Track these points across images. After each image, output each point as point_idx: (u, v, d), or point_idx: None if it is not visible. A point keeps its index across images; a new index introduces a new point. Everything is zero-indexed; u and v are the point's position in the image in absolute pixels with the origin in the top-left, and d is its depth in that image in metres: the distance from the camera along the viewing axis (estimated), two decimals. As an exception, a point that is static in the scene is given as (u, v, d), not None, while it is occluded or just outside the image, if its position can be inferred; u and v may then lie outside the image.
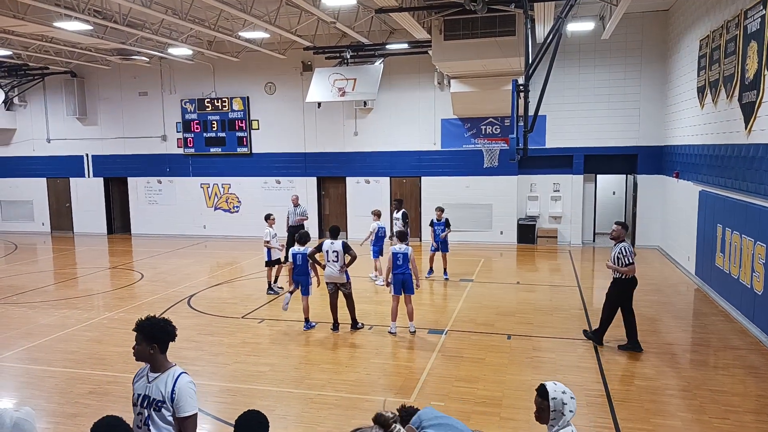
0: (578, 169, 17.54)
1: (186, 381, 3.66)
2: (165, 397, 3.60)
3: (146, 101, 20.82)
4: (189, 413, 3.60)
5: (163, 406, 3.60)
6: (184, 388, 3.61)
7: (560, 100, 17.06)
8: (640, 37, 16.53)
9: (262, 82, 19.62)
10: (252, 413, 3.29)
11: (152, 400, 3.63)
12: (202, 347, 9.00)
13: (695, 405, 6.72)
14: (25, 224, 22.58)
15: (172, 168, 20.88)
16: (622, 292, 8.44)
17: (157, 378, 3.67)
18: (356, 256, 9.44)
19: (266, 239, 11.94)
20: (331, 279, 9.47)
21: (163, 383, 3.63)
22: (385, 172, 19.03)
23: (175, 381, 3.64)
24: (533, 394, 3.53)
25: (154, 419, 3.61)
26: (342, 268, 9.38)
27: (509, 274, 14.40)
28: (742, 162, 9.80)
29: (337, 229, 9.90)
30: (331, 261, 9.40)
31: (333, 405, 6.87)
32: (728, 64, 10.49)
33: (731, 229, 10.19)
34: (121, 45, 15.89)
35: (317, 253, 9.59)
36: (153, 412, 3.62)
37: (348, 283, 9.52)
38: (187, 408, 3.59)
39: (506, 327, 9.74)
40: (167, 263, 15.94)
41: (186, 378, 3.68)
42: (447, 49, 13.83)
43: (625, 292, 8.44)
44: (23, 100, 21.90)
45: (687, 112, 13.80)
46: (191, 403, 3.61)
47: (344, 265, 9.38)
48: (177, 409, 3.59)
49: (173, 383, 3.62)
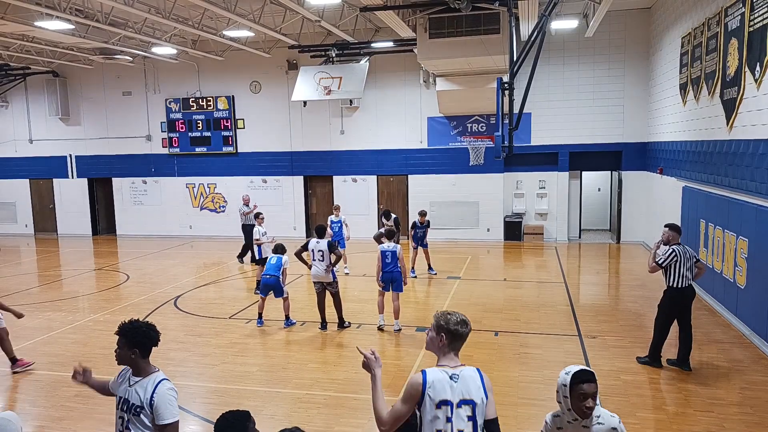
0: (564, 166, 17.66)
1: (166, 388, 3.60)
2: (144, 402, 3.55)
3: (130, 101, 20.63)
4: (168, 421, 3.53)
5: (142, 412, 3.55)
6: (163, 395, 3.55)
7: (545, 97, 17.16)
8: (623, 34, 16.67)
9: (248, 81, 19.53)
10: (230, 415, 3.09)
11: (131, 404, 3.59)
12: (189, 348, 8.95)
13: (680, 398, 6.81)
14: (7, 226, 22.28)
15: (157, 168, 20.72)
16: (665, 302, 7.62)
17: (138, 383, 3.63)
18: (341, 255, 9.46)
19: (256, 237, 11.93)
20: (318, 278, 9.47)
21: (143, 388, 3.59)
22: (372, 171, 19.02)
23: (155, 387, 3.58)
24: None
25: (134, 423, 3.57)
26: (328, 268, 9.38)
27: (496, 271, 14.48)
28: (724, 158, 9.93)
29: (323, 228, 9.90)
30: (317, 260, 9.41)
31: (321, 404, 6.87)
32: (710, 61, 10.61)
33: (714, 224, 10.32)
34: (104, 44, 15.73)
35: (304, 252, 9.58)
36: (132, 416, 3.57)
37: (335, 282, 9.52)
38: (166, 416, 3.53)
39: (493, 324, 9.80)
40: (153, 264, 15.82)
41: (167, 385, 3.62)
42: (432, 48, 13.86)
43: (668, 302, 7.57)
44: (5, 100, 21.60)
45: (670, 109, 13.94)
46: (171, 411, 3.55)
47: (330, 264, 9.39)
48: (156, 416, 3.53)
49: (153, 389, 3.57)
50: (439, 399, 3.24)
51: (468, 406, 3.25)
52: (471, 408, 3.25)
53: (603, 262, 15.33)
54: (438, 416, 3.22)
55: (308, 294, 12.24)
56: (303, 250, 9.61)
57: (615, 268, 14.74)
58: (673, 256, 7.34)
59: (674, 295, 7.45)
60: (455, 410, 3.23)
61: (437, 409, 3.23)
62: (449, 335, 3.37)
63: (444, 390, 3.25)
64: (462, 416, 3.23)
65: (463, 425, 3.23)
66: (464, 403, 3.25)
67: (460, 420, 3.23)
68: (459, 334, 3.38)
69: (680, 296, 7.44)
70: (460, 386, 3.27)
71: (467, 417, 3.25)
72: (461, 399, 3.25)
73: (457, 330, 3.37)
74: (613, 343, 8.72)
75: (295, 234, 19.36)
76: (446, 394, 3.25)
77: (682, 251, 7.39)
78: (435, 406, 3.23)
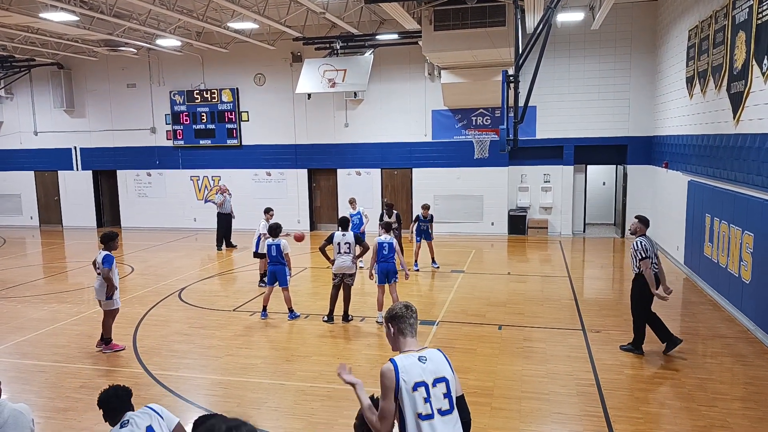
0: (568, 160, 17.59)
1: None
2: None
3: (135, 93, 20.63)
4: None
5: None
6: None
7: (550, 90, 17.08)
8: (629, 27, 16.56)
9: (252, 73, 19.49)
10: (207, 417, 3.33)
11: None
12: (194, 340, 8.98)
13: (684, 393, 6.80)
14: (13, 218, 22.37)
15: (161, 160, 20.74)
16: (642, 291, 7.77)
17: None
18: (368, 247, 9.52)
19: (262, 231, 11.74)
20: (341, 270, 9.51)
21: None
22: (376, 164, 19.00)
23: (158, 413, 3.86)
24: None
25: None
26: (354, 259, 9.45)
27: (500, 264, 14.46)
28: (731, 152, 9.87)
29: (347, 220, 9.87)
30: (343, 252, 9.45)
31: (325, 396, 6.89)
32: (717, 54, 10.53)
33: (719, 219, 10.27)
34: (108, 36, 15.71)
35: (328, 245, 9.57)
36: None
37: (354, 274, 9.62)
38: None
39: (497, 317, 9.79)
40: (157, 256, 15.86)
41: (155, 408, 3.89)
42: (437, 40, 13.79)
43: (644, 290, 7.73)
44: (9, 92, 21.62)
45: (676, 103, 13.86)
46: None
47: (356, 256, 9.45)
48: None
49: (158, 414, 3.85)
50: (414, 381, 3.26)
51: (442, 383, 3.30)
52: (445, 385, 3.31)
53: (607, 257, 15.29)
54: (416, 399, 3.24)
55: (312, 287, 12.26)
56: (327, 243, 9.55)
57: (619, 262, 14.70)
58: (643, 245, 7.70)
59: (641, 280, 7.75)
60: (431, 390, 3.27)
61: (414, 392, 3.25)
62: (394, 321, 3.47)
63: (416, 372, 3.29)
64: (438, 395, 3.27)
65: (440, 403, 3.27)
66: (438, 381, 3.30)
67: (437, 399, 3.27)
68: (400, 315, 3.46)
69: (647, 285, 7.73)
70: (429, 365, 3.32)
71: (443, 395, 3.29)
72: (435, 378, 3.30)
73: (398, 312, 3.47)
74: (616, 337, 8.69)
75: (299, 227, 19.36)
76: (419, 375, 3.28)
77: (648, 241, 7.79)
78: (411, 389, 3.25)
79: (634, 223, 7.98)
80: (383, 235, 9.60)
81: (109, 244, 8.39)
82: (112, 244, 8.43)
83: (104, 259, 8.29)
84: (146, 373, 7.69)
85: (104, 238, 8.42)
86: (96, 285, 8.48)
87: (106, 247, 8.36)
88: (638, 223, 7.95)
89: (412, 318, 3.50)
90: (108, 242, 8.39)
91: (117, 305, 8.57)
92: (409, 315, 3.48)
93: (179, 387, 7.19)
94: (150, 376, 7.61)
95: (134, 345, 8.81)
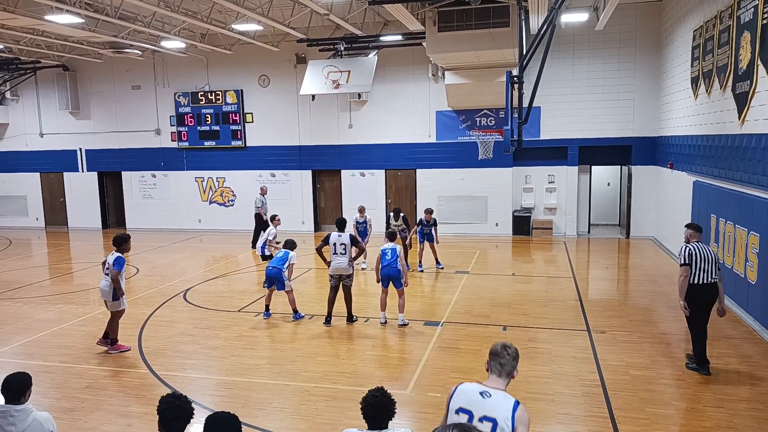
0: (573, 161, 17.56)
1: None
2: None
3: (139, 95, 20.70)
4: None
5: None
6: None
7: (555, 91, 17.06)
8: (634, 27, 16.53)
9: (256, 74, 19.53)
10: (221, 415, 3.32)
11: None
12: (199, 341, 9.00)
13: (689, 394, 6.78)
14: (19, 219, 22.47)
15: (166, 162, 20.79)
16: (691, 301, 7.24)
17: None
18: (364, 249, 9.53)
19: (270, 238, 11.79)
20: (337, 271, 9.51)
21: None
22: (380, 165, 19.01)
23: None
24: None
25: None
26: (350, 261, 9.44)
27: (505, 265, 14.44)
28: (736, 152, 9.84)
29: (344, 221, 9.89)
30: (339, 254, 9.45)
31: (330, 397, 6.90)
32: (722, 54, 10.50)
33: (725, 219, 10.24)
34: (114, 38, 15.78)
35: (324, 246, 9.59)
36: None
37: (351, 275, 9.60)
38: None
39: (502, 318, 9.78)
40: (162, 257, 15.91)
41: None
42: (441, 41, 13.79)
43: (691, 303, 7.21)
44: (15, 94, 21.72)
45: (681, 103, 13.82)
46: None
47: (352, 258, 9.45)
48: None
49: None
50: (460, 405, 3.29)
51: (489, 422, 3.25)
52: (492, 425, 3.24)
53: (612, 257, 15.26)
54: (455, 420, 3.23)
55: (317, 288, 12.27)
56: (324, 245, 9.58)
57: (624, 263, 14.67)
58: (688, 251, 7.15)
59: (692, 291, 7.15)
60: (475, 421, 3.24)
61: (455, 414, 3.27)
62: (490, 355, 3.52)
63: (468, 399, 3.30)
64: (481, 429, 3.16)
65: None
66: (486, 419, 3.26)
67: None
68: (495, 353, 3.49)
69: (698, 293, 7.13)
70: (487, 402, 3.29)
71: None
72: (484, 414, 3.26)
73: (495, 350, 3.50)
74: (621, 338, 8.68)
75: (304, 228, 19.40)
76: (469, 403, 3.29)
77: (700, 247, 7.18)
78: (454, 412, 3.28)
79: (685, 231, 7.52)
80: (387, 244, 9.62)
81: (121, 247, 8.43)
82: (125, 246, 8.47)
83: (115, 260, 8.32)
84: (151, 374, 7.72)
85: (117, 240, 8.45)
86: (103, 285, 8.50)
87: (118, 250, 8.40)
88: (688, 230, 7.48)
89: (505, 359, 3.48)
90: (121, 245, 8.43)
91: (123, 306, 8.60)
92: (503, 354, 3.49)
93: (184, 387, 7.20)
94: (155, 376, 7.63)
95: (139, 346, 8.84)
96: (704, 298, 7.18)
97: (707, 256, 7.14)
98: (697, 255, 7.11)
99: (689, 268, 7.12)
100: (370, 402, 3.50)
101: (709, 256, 7.15)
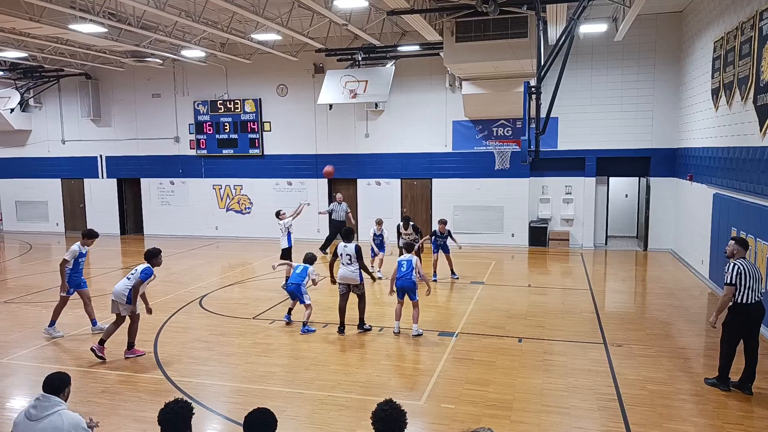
0: (590, 172, 17.44)
1: None
2: None
3: (159, 103, 20.98)
4: None
5: None
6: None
7: (572, 102, 16.98)
8: (653, 38, 16.42)
9: (274, 84, 19.71)
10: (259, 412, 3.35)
11: None
12: (213, 347, 9.04)
13: (708, 410, 6.66)
14: (39, 224, 22.82)
15: (184, 169, 21.02)
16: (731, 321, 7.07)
17: None
18: (363, 263, 9.57)
19: (287, 225, 12.79)
20: (344, 280, 9.53)
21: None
22: (396, 174, 19.03)
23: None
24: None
25: None
26: (356, 271, 9.48)
27: (520, 276, 14.34)
28: (757, 165, 9.70)
29: (350, 231, 9.94)
30: (345, 263, 9.49)
31: (343, 406, 6.88)
32: (743, 66, 10.39)
33: (746, 233, 10.07)
34: (135, 47, 16.03)
35: (335, 260, 9.65)
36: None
37: (361, 284, 9.60)
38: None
39: (517, 330, 9.70)
40: (179, 264, 16.03)
41: None
42: (459, 51, 13.81)
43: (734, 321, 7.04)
44: (39, 101, 22.15)
45: (701, 115, 13.68)
46: None
47: (358, 267, 9.49)
48: None
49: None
50: None
51: None
52: None
53: (629, 270, 15.08)
54: None
55: (332, 296, 12.26)
56: (335, 258, 9.71)
57: (642, 275, 14.49)
58: (737, 269, 6.87)
59: (739, 311, 6.90)
60: None
61: None
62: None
63: None
64: None
65: None
66: None
67: None
68: None
69: (745, 313, 6.89)
70: None
71: None
72: None
73: None
74: (639, 351, 8.56)
75: (319, 236, 19.43)
76: None
77: (748, 265, 6.93)
78: None
79: (731, 245, 7.15)
80: (404, 255, 9.64)
81: (152, 260, 8.53)
82: (155, 260, 8.58)
83: (144, 270, 8.42)
84: (166, 380, 7.76)
85: (148, 254, 8.58)
86: (119, 287, 8.52)
87: (149, 263, 8.51)
88: (735, 244, 7.13)
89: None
90: (151, 258, 8.54)
91: (137, 310, 8.64)
92: None
93: (199, 394, 7.24)
94: (170, 382, 7.67)
95: (155, 351, 8.90)
96: (755, 318, 6.95)
97: (754, 274, 6.91)
98: (745, 273, 6.85)
99: (735, 288, 6.87)
100: (380, 416, 3.49)
101: (756, 275, 6.92)
